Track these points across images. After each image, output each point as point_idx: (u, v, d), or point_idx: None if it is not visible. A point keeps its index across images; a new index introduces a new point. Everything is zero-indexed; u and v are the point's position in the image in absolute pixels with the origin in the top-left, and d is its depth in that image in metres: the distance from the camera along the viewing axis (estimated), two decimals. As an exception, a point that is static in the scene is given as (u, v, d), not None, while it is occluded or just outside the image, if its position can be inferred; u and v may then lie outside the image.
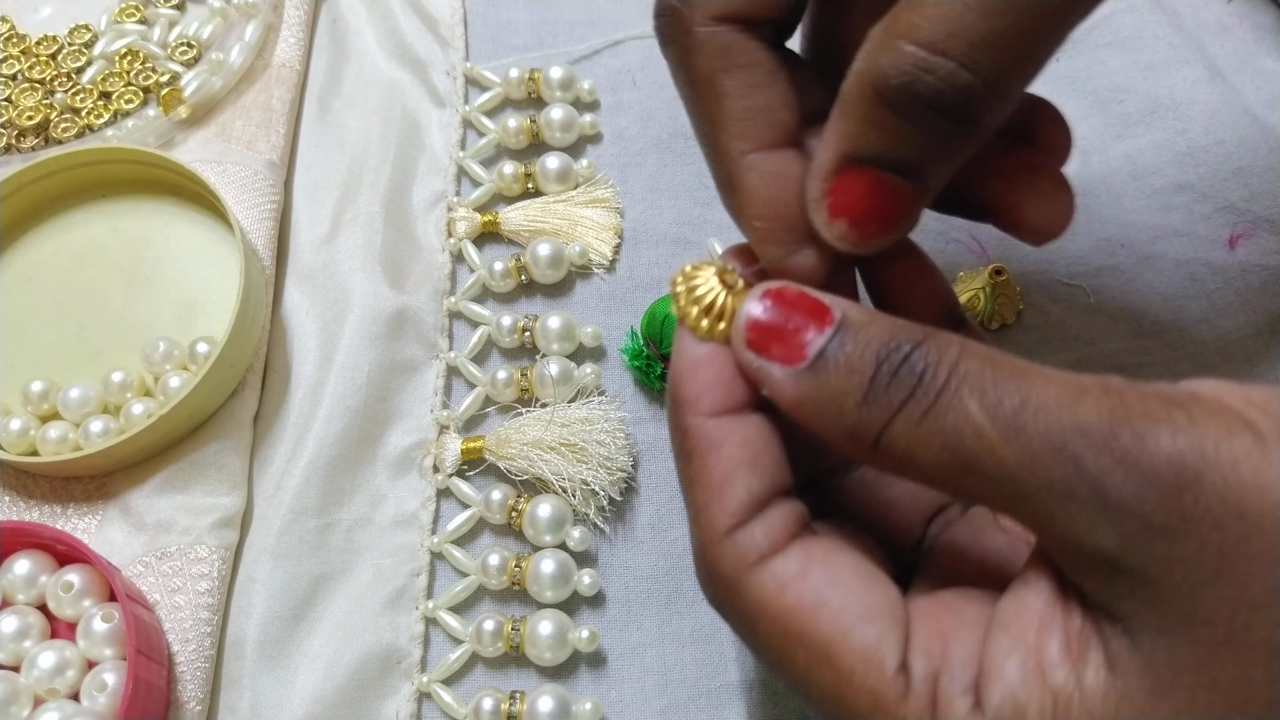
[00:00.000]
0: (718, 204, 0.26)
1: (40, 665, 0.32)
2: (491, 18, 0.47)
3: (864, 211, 0.23)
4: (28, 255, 0.41)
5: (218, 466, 0.36)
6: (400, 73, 0.45)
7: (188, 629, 0.33)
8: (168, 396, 0.37)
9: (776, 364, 0.22)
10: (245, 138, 0.43)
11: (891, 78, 0.21)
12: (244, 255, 0.37)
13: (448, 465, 0.37)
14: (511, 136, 0.43)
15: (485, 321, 0.40)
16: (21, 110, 0.44)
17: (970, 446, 0.20)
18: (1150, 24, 0.45)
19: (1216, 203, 0.41)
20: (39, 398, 0.38)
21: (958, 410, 0.20)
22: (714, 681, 0.34)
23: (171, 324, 0.39)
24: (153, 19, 0.47)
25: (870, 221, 0.23)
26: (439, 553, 0.36)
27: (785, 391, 0.22)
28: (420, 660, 0.34)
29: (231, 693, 0.34)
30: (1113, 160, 0.42)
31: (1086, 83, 0.44)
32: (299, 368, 0.39)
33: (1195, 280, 0.40)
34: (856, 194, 0.23)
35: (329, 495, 0.36)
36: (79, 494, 0.37)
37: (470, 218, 0.42)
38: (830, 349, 0.21)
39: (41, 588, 0.34)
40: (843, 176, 0.23)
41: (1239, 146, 0.42)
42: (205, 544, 0.35)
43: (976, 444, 0.19)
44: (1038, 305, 0.40)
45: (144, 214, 0.42)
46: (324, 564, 0.35)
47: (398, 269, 0.40)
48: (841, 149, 0.23)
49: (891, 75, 0.21)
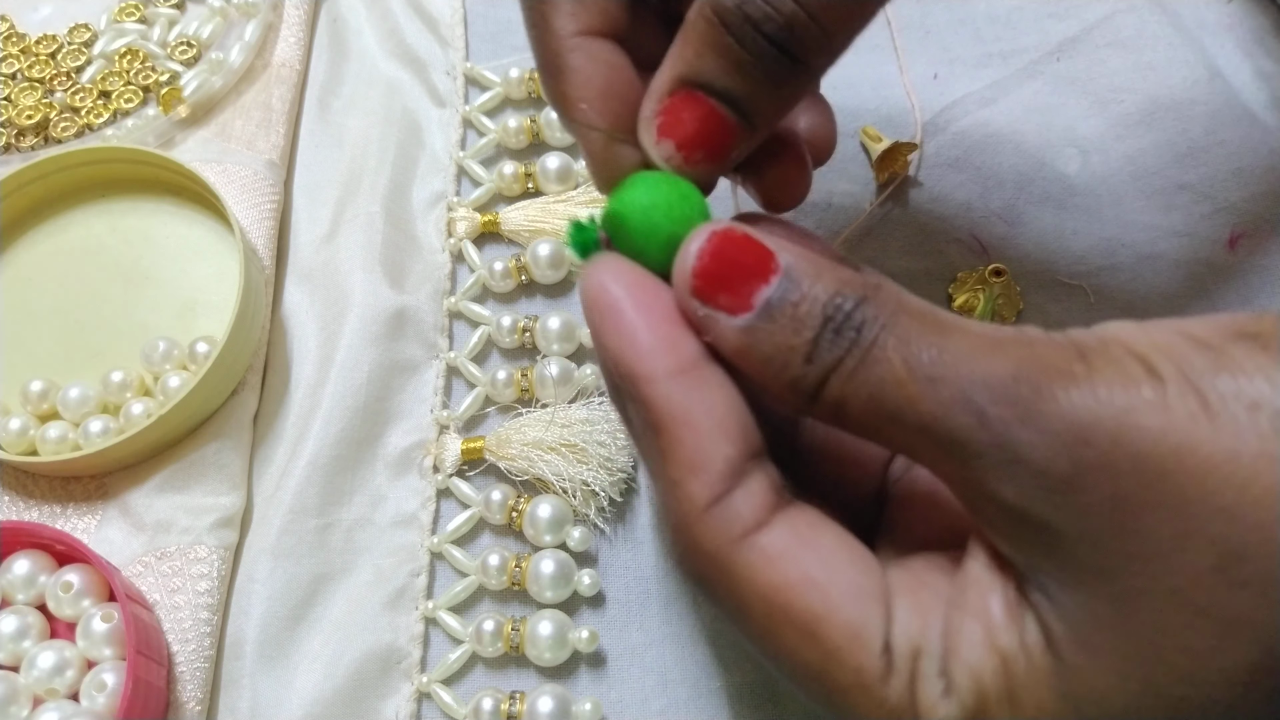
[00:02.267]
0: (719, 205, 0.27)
1: (39, 665, 0.32)
2: (491, 17, 0.47)
3: (691, 136, 0.24)
4: (27, 255, 0.41)
5: (217, 466, 0.36)
6: (400, 72, 0.45)
7: (187, 629, 0.33)
8: (167, 396, 0.37)
9: (723, 313, 0.21)
10: (245, 137, 0.43)
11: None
12: (244, 255, 0.37)
13: (448, 465, 0.37)
14: (512, 136, 0.43)
15: (485, 321, 0.40)
16: (21, 109, 0.44)
17: (892, 397, 0.20)
18: (1150, 24, 0.45)
19: (1217, 203, 0.41)
20: (38, 397, 0.38)
21: (883, 362, 0.20)
22: (714, 682, 0.34)
23: (171, 324, 0.39)
24: (152, 18, 0.47)
25: (696, 148, 0.24)
26: (439, 553, 0.36)
27: (730, 341, 0.22)
28: (420, 660, 0.34)
29: (231, 693, 0.34)
30: (1113, 160, 0.42)
31: (1087, 83, 0.44)
32: (299, 367, 0.39)
33: (1195, 280, 0.40)
34: (686, 118, 0.24)
35: (329, 495, 0.36)
36: (78, 494, 0.37)
37: (470, 218, 0.42)
38: (776, 300, 0.21)
39: (41, 588, 0.34)
40: (675, 99, 0.24)
41: (1239, 146, 0.42)
42: (205, 544, 0.35)
43: (897, 395, 0.20)
44: (1038, 305, 0.40)
45: (143, 213, 0.42)
46: (324, 564, 0.35)
47: (398, 269, 0.40)
48: (677, 71, 0.23)
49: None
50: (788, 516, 0.22)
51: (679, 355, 0.22)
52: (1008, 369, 0.19)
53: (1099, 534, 0.18)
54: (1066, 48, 0.45)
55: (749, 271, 0.21)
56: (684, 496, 0.21)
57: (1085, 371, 0.18)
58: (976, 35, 0.46)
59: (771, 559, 0.21)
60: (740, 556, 0.21)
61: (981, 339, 0.20)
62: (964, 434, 0.19)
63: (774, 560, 0.21)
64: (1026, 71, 0.44)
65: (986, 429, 0.19)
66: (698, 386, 0.22)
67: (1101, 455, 0.18)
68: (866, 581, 0.21)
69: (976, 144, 0.43)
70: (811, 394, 0.21)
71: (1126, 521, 0.18)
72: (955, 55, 0.45)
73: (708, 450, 0.21)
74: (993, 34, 0.46)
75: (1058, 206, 0.41)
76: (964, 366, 0.19)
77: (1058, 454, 0.18)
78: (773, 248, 0.22)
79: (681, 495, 0.22)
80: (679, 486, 0.22)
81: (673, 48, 0.24)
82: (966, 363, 0.19)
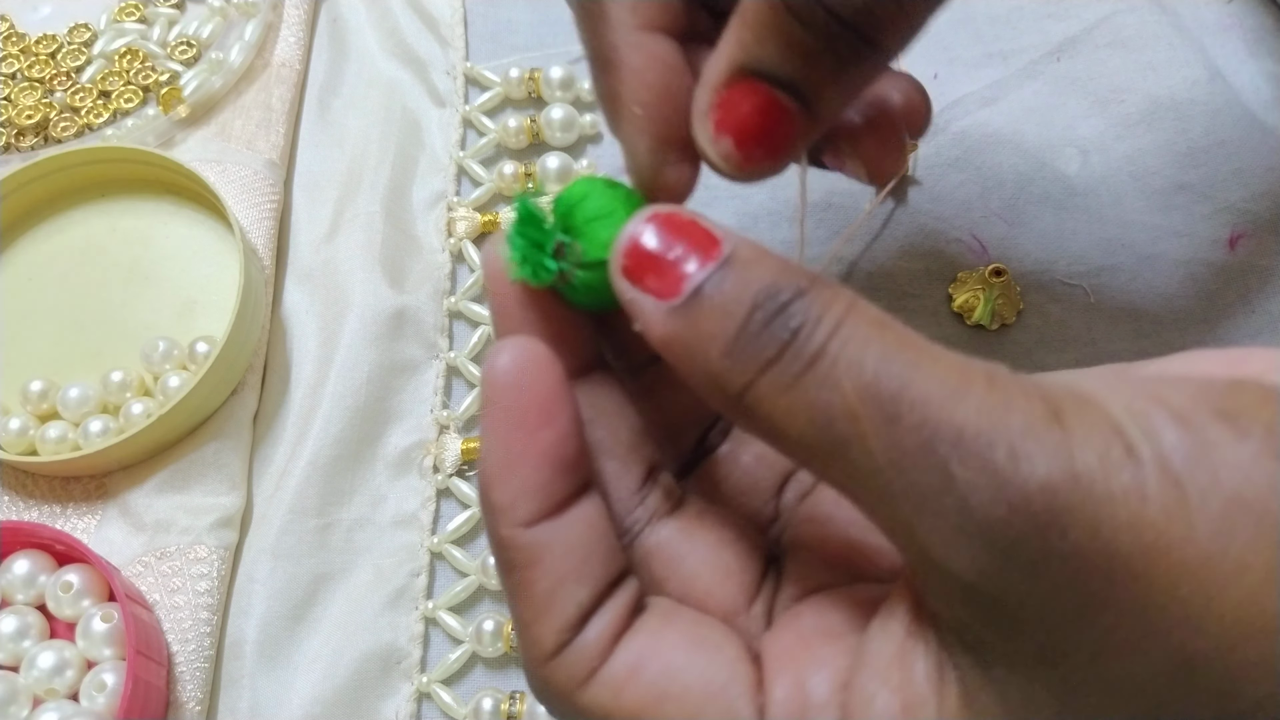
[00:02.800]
0: (719, 204, 0.26)
1: (39, 665, 0.32)
2: (491, 17, 0.47)
3: (752, 131, 0.21)
4: (27, 254, 0.41)
5: (217, 466, 0.36)
6: (400, 72, 0.45)
7: (187, 629, 0.33)
8: (167, 396, 0.37)
9: (650, 296, 0.19)
10: (245, 137, 0.43)
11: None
12: (243, 255, 0.37)
13: (448, 465, 0.37)
14: (512, 136, 0.43)
15: (485, 321, 0.40)
16: (21, 109, 0.44)
17: (840, 429, 0.17)
18: (1151, 24, 0.45)
19: (1217, 203, 0.41)
20: (38, 397, 0.37)
21: (832, 384, 0.17)
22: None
23: (171, 323, 0.39)
24: (152, 18, 0.47)
25: (757, 144, 0.22)
26: (439, 553, 0.36)
27: (654, 328, 0.20)
28: (420, 660, 0.34)
29: (231, 693, 0.34)
30: (1113, 160, 0.42)
31: (1087, 83, 0.44)
32: (299, 367, 0.39)
33: (1195, 280, 0.40)
34: (746, 110, 0.21)
35: (329, 495, 0.36)
36: (78, 494, 0.37)
37: (470, 217, 0.42)
38: (708, 286, 0.19)
39: (41, 588, 0.34)
40: (734, 89, 0.21)
41: (1239, 147, 0.42)
42: (205, 544, 0.35)
43: (847, 428, 0.17)
44: (1038, 305, 0.40)
45: (143, 213, 0.42)
46: (324, 564, 0.35)
47: (398, 269, 0.40)
48: (736, 58, 0.21)
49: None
50: (633, 633, 0.20)
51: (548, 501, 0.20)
52: (982, 423, 0.17)
53: (1056, 622, 0.17)
54: (1066, 48, 0.45)
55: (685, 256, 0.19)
56: (531, 641, 0.21)
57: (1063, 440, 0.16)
58: (976, 35, 0.46)
59: (620, 687, 0.20)
60: (588, 695, 0.20)
61: (950, 375, 0.17)
62: (921, 490, 0.17)
63: (623, 688, 0.20)
64: (1026, 71, 0.44)
65: (950, 491, 0.16)
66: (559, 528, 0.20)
67: (1074, 546, 0.16)
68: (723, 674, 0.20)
69: (976, 144, 0.43)
70: (736, 398, 0.19)
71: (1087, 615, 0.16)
72: (955, 55, 0.45)
73: (559, 596, 0.20)
74: (993, 34, 0.46)
75: (1058, 206, 0.41)
76: (932, 410, 0.17)
77: (1029, 535, 0.16)
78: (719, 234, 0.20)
79: (529, 640, 0.21)
80: (528, 629, 0.21)
81: (727, 33, 0.21)
82: (936, 406, 0.17)
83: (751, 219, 0.41)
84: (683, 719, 0.19)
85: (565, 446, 0.21)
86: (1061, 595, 0.16)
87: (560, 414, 0.21)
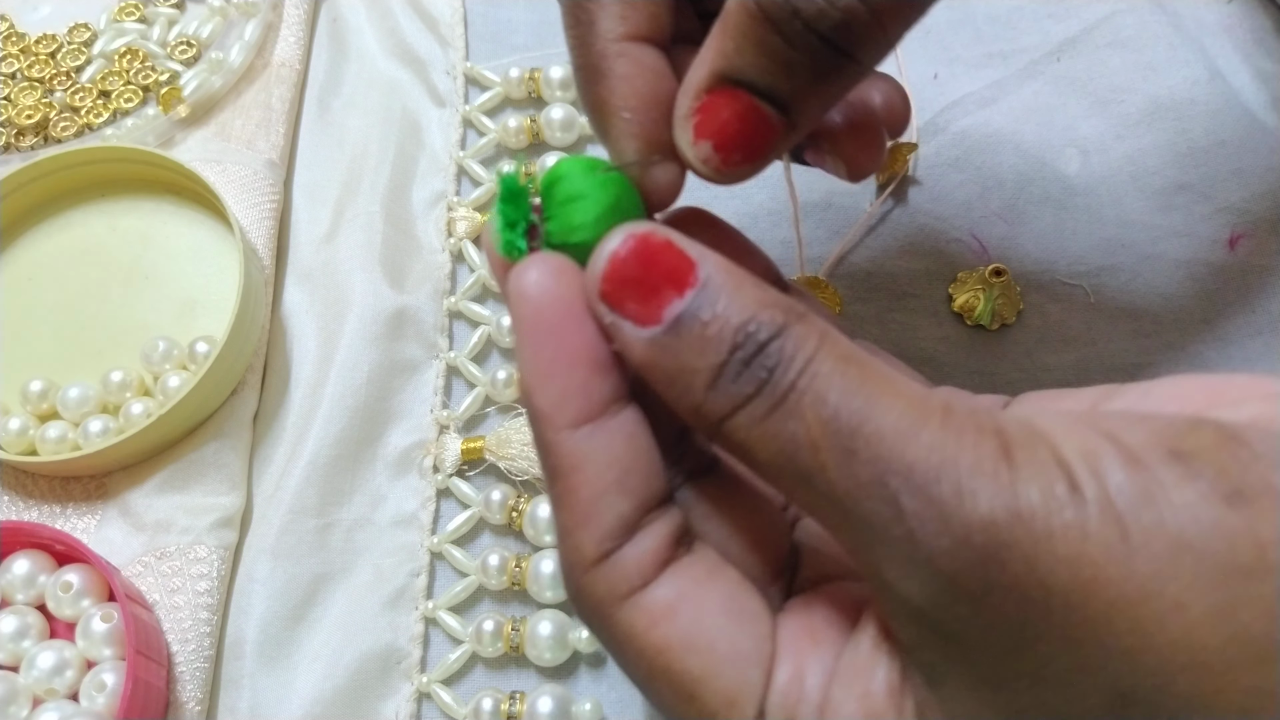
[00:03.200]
0: (719, 204, 0.26)
1: (39, 665, 0.32)
2: (491, 17, 0.47)
3: (731, 136, 0.22)
4: (27, 254, 0.41)
5: (217, 466, 0.36)
6: (400, 72, 0.45)
7: (187, 629, 0.33)
8: (167, 396, 0.37)
9: (629, 322, 0.20)
10: (245, 137, 0.43)
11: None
12: (243, 254, 0.37)
13: (448, 465, 0.37)
14: (512, 136, 0.43)
15: (485, 321, 0.40)
16: (21, 109, 0.44)
17: (804, 460, 0.18)
18: (1151, 24, 0.45)
19: (1217, 203, 0.41)
20: (38, 397, 0.37)
21: (797, 419, 0.18)
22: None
23: (171, 323, 0.39)
24: (152, 18, 0.47)
25: (735, 148, 0.22)
26: (439, 553, 0.36)
27: (634, 353, 0.20)
28: (420, 660, 0.34)
29: (231, 693, 0.34)
30: (1113, 160, 0.42)
31: (1087, 83, 0.44)
32: (299, 367, 0.39)
33: (1195, 280, 0.40)
34: (725, 116, 0.22)
35: (329, 495, 0.36)
36: (78, 494, 0.37)
37: (470, 217, 0.42)
38: (686, 317, 0.19)
39: (40, 587, 0.34)
40: (714, 96, 0.22)
41: (1239, 147, 0.42)
42: (205, 544, 0.35)
43: (810, 459, 0.18)
44: (1038, 305, 0.40)
45: (143, 213, 0.42)
46: (324, 564, 0.35)
47: (398, 269, 0.40)
48: (717, 66, 0.22)
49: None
50: (677, 571, 0.21)
51: (588, 402, 0.21)
52: (932, 459, 0.17)
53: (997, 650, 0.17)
54: (1066, 48, 0.45)
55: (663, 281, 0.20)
56: (573, 547, 0.21)
57: (1009, 478, 0.17)
58: (976, 35, 0.46)
59: (654, 620, 0.21)
60: (623, 614, 0.21)
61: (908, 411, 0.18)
62: (875, 520, 0.18)
63: (657, 621, 0.21)
64: (1026, 71, 0.44)
65: (900, 523, 0.17)
66: (601, 436, 0.21)
67: (1013, 579, 0.17)
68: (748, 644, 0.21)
69: (976, 144, 0.43)
70: (714, 426, 0.20)
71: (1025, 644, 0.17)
72: (955, 55, 0.45)
73: (601, 504, 0.21)
74: (993, 34, 0.46)
75: (1058, 206, 0.41)
76: (886, 445, 0.18)
77: (971, 568, 0.17)
78: (695, 257, 0.20)
79: (571, 546, 0.21)
80: (570, 536, 0.21)
81: (709, 40, 0.22)
82: (890, 441, 0.18)
83: (751, 219, 0.41)
84: (700, 674, 0.20)
85: (598, 348, 0.21)
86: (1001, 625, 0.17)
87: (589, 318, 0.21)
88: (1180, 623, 0.16)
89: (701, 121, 0.22)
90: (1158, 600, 0.16)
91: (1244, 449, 0.17)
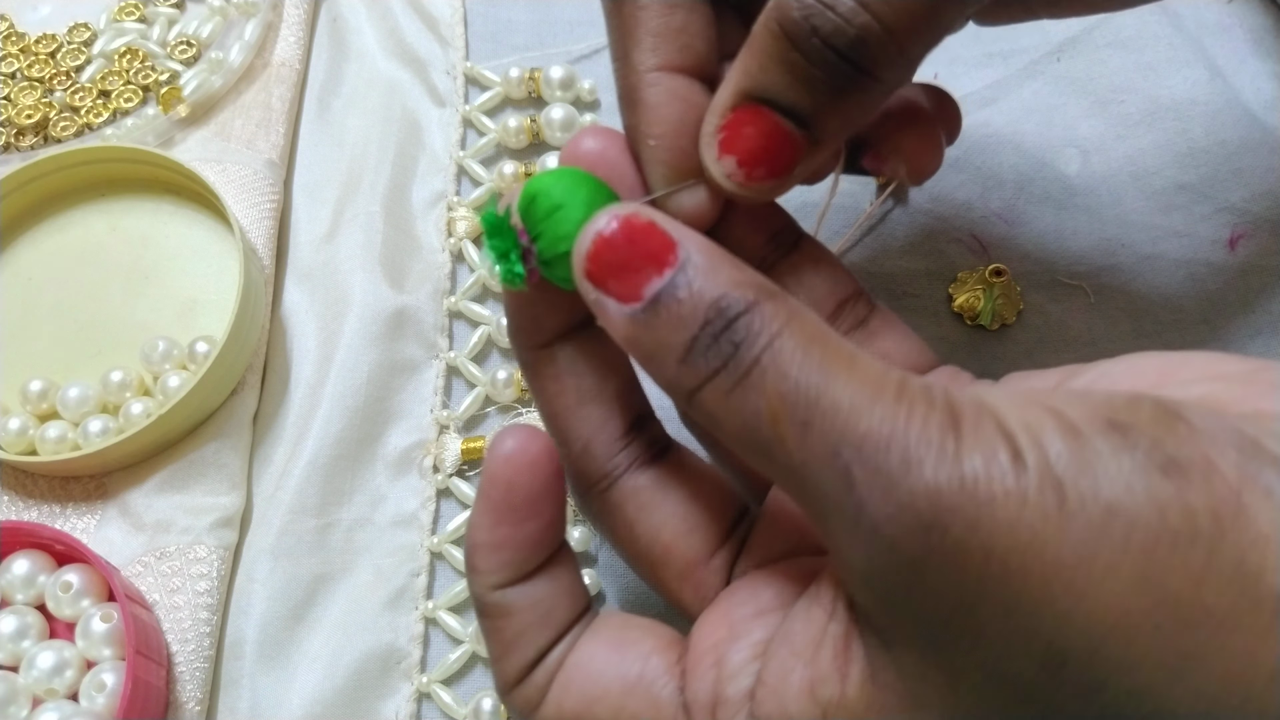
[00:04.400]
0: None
1: (39, 665, 0.32)
2: (491, 17, 0.47)
3: (754, 152, 0.23)
4: (27, 254, 0.41)
5: (217, 466, 0.36)
6: (400, 72, 0.45)
7: (187, 629, 0.33)
8: (167, 396, 0.37)
9: (612, 299, 0.21)
10: (245, 137, 0.43)
11: (793, 9, 0.22)
12: (243, 254, 0.37)
13: (448, 465, 0.37)
14: (512, 136, 0.43)
15: (485, 321, 0.40)
16: (20, 109, 0.44)
17: (765, 432, 0.19)
18: (1151, 24, 0.45)
19: (1217, 203, 0.41)
20: (38, 397, 0.37)
21: (759, 392, 0.19)
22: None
23: (171, 323, 0.39)
24: (152, 17, 0.47)
25: (758, 163, 0.23)
26: (439, 553, 0.36)
27: (617, 329, 0.21)
28: (420, 660, 0.34)
29: (231, 693, 0.34)
30: (1113, 160, 0.42)
31: (1087, 83, 0.44)
32: (299, 367, 0.39)
33: (1195, 280, 0.40)
34: (749, 133, 0.23)
35: (329, 495, 0.36)
36: (78, 493, 0.37)
37: (470, 217, 0.42)
38: (665, 294, 0.20)
39: (40, 587, 0.34)
40: (739, 114, 0.23)
41: (1239, 147, 0.42)
42: (204, 544, 0.35)
43: (770, 431, 0.19)
44: (1038, 305, 0.40)
45: (143, 213, 0.42)
46: (324, 564, 0.35)
47: (398, 269, 0.40)
48: (741, 85, 0.23)
49: (794, 8, 0.22)
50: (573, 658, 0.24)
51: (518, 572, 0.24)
52: (882, 431, 0.18)
53: (940, 612, 0.18)
54: (1066, 48, 0.45)
55: (645, 260, 0.21)
56: (499, 673, 0.25)
57: (954, 449, 0.18)
58: (976, 35, 0.46)
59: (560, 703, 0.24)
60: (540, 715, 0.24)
61: (864, 386, 0.19)
62: (829, 490, 0.19)
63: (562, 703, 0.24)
64: (1026, 71, 0.44)
65: (850, 492, 0.18)
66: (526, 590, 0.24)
67: (953, 543, 0.17)
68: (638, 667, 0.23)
69: (976, 144, 0.43)
70: (687, 398, 0.21)
71: (967, 608, 0.18)
72: (955, 55, 0.45)
73: (521, 640, 0.24)
74: (993, 34, 0.46)
75: (1058, 206, 0.41)
76: (840, 418, 0.19)
77: (912, 534, 0.18)
78: (676, 237, 0.21)
79: (497, 671, 0.25)
80: (496, 663, 0.25)
81: (737, 61, 0.23)
82: (845, 414, 0.19)
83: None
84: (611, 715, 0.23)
85: (546, 535, 0.24)
86: (943, 588, 0.18)
87: (547, 508, 0.24)
88: (1111, 587, 0.17)
89: (726, 139, 0.23)
90: (1090, 565, 0.17)
91: (1181, 424, 0.18)
